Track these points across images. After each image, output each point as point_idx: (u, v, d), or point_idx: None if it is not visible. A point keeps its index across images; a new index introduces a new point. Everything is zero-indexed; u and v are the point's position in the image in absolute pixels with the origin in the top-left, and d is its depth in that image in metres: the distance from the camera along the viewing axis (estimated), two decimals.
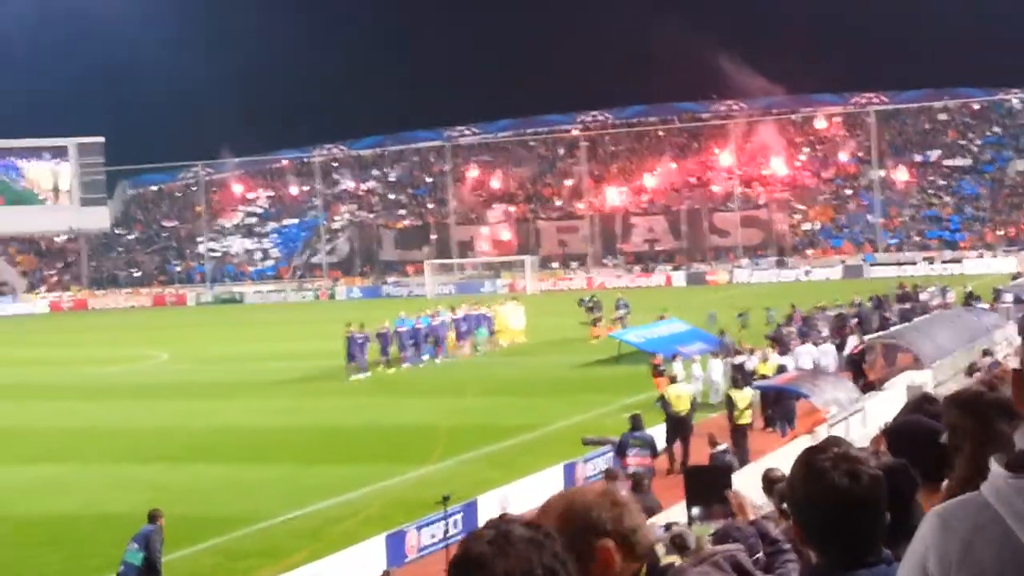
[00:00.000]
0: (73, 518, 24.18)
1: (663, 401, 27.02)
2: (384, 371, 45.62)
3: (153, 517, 17.61)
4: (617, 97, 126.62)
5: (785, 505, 8.63)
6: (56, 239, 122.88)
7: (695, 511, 10.32)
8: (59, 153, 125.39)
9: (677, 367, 32.19)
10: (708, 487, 10.12)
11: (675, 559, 3.04)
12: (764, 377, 30.96)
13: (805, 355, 34.15)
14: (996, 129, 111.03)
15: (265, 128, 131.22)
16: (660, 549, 2.88)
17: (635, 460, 23.10)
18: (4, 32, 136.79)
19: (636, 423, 24.02)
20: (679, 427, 26.26)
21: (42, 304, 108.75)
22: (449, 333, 49.85)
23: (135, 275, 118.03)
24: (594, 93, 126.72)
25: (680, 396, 26.96)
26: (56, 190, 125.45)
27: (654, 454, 23.61)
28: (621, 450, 23.54)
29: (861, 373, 33.19)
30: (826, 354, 35.07)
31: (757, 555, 6.71)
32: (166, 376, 48.55)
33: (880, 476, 3.45)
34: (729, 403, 27.20)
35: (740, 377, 29.89)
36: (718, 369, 34.08)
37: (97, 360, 55.68)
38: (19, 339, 72.35)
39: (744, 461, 22.95)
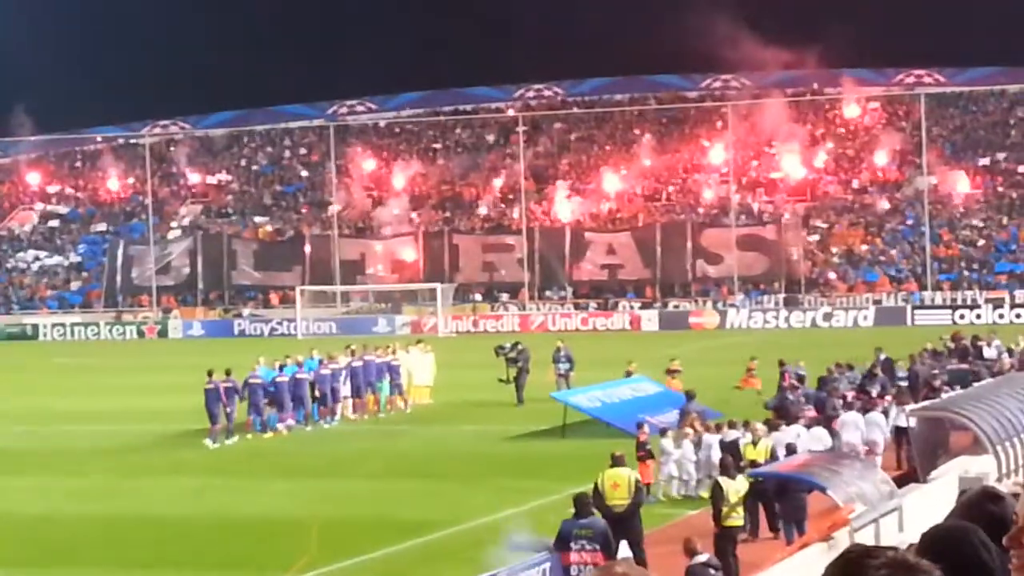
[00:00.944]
0: None
1: (595, 491, 26.66)
2: (259, 436, 46.22)
3: None
4: (572, 66, 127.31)
5: None
6: None
7: None
8: None
9: (667, 444, 32.07)
10: None
11: None
12: (755, 464, 30.98)
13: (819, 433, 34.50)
14: None
15: (75, 96, 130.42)
16: None
17: (580, 557, 23.40)
18: None
19: (581, 508, 24.31)
20: (618, 528, 25.90)
21: None
22: (340, 386, 50.06)
23: None
24: (540, 59, 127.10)
25: (617, 483, 26.90)
26: None
27: (606, 549, 23.67)
28: (562, 542, 23.75)
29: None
30: (854, 431, 35.48)
31: None
32: None
33: None
34: (716, 496, 27.32)
35: (733, 460, 29.90)
36: (714, 447, 34.20)
37: None
38: None
39: None
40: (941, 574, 3.54)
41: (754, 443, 32.36)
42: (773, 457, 31.55)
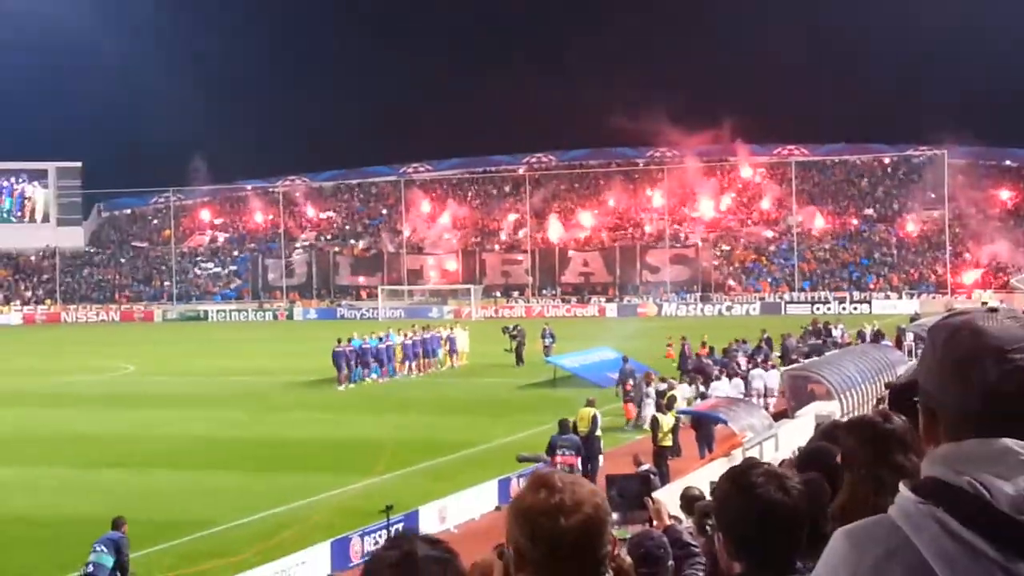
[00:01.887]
0: (39, 519, 23.92)
1: (572, 422, 26.65)
2: (359, 384, 46.35)
3: (118, 524, 17.36)
4: (561, 141, 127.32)
5: (709, 521, 8.66)
6: (32, 256, 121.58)
7: (614, 516, 10.26)
8: (39, 175, 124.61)
9: (684, 389, 31.67)
10: (628, 494, 9.98)
11: None
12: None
13: (727, 386, 34.44)
14: (901, 181, 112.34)
15: (232, 159, 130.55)
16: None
17: (562, 459, 23.99)
18: None
19: (564, 426, 25.15)
20: (584, 444, 26.00)
21: (16, 316, 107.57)
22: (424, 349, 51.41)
23: (105, 292, 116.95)
24: (540, 136, 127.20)
25: (583, 416, 27.05)
26: (34, 210, 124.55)
27: (578, 454, 24.51)
28: (551, 449, 24.43)
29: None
30: (737, 386, 35.47)
31: (668, 561, 6.74)
32: (131, 387, 48.14)
33: (805, 492, 3.51)
34: (654, 426, 27.33)
35: (665, 403, 29.87)
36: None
37: (67, 370, 55.16)
38: None
39: (665, 480, 23.04)
40: (797, 480, 3.47)
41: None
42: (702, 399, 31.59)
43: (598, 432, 27.19)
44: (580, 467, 24.30)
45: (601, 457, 26.42)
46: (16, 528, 23.12)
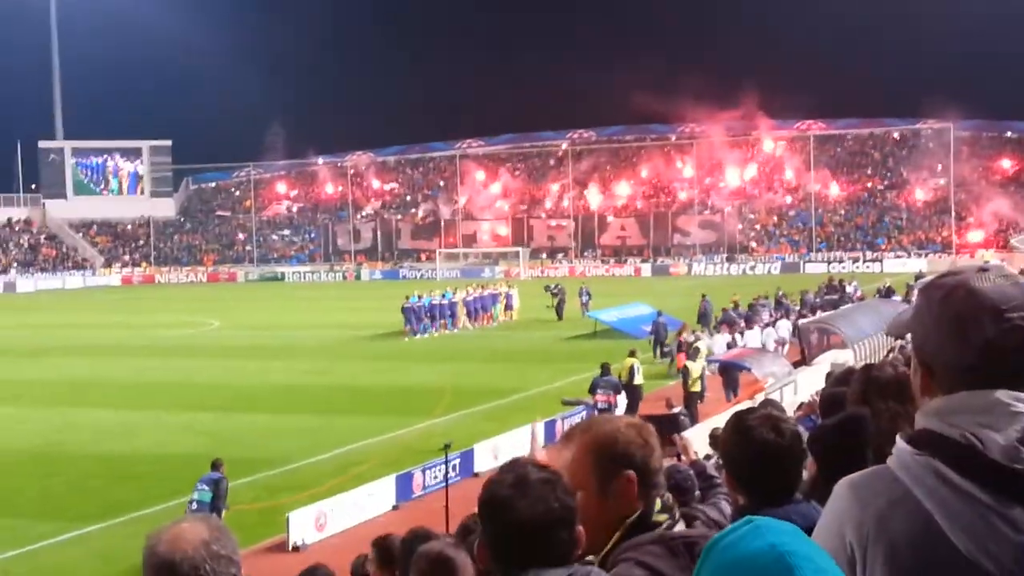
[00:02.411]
0: (140, 456, 24.29)
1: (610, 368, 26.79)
2: (414, 338, 46.37)
3: (216, 465, 17.48)
4: (600, 118, 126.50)
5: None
6: (129, 224, 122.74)
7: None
8: (134, 153, 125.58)
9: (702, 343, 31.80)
10: (658, 433, 10.04)
11: (663, 517, 2.79)
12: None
13: (752, 337, 34.37)
14: (910, 152, 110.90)
15: (306, 137, 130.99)
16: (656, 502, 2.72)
17: (601, 397, 24.64)
18: (91, 48, 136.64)
19: (605, 369, 25.62)
20: (625, 390, 26.26)
21: (116, 278, 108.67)
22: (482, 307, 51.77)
23: (194, 256, 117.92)
24: (581, 114, 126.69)
25: (626, 365, 27.10)
26: (131, 184, 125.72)
27: (616, 393, 25.01)
28: (592, 389, 25.09)
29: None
30: (768, 336, 35.35)
31: (695, 491, 6.79)
32: (217, 340, 48.57)
33: (799, 432, 3.51)
34: (684, 374, 27.31)
35: (688, 354, 29.69)
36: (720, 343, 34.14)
37: (161, 325, 55.75)
38: (97, 307, 72.35)
39: (694, 421, 23.06)
40: (792, 422, 3.49)
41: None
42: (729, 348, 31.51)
43: (638, 380, 27.16)
44: (617, 405, 24.76)
45: (642, 403, 26.48)
46: (120, 465, 23.50)
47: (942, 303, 2.04)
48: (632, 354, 27.91)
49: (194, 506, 16.88)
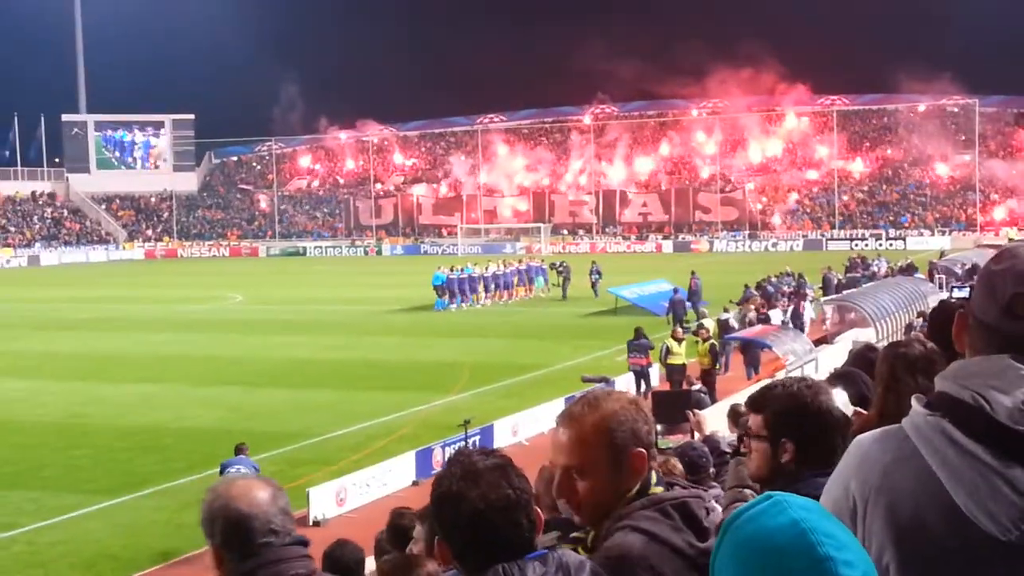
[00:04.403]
0: (163, 429, 24.46)
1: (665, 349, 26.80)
2: (436, 311, 46.90)
3: (241, 449, 16.97)
4: (622, 93, 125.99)
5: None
6: (152, 198, 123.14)
7: (659, 428, 10.33)
8: (157, 126, 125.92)
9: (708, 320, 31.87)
10: (672, 408, 10.03)
11: (659, 490, 2.91)
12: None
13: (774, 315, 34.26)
14: (935, 128, 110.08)
15: (328, 111, 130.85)
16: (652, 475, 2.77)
17: (634, 360, 26.00)
18: (114, 22, 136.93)
19: (637, 334, 26.66)
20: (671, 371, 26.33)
21: (139, 252, 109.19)
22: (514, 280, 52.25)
23: (216, 230, 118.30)
24: (603, 90, 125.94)
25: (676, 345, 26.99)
26: (153, 157, 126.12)
27: (646, 357, 26.29)
28: (628, 349, 26.63)
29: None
30: (791, 313, 35.23)
31: (711, 468, 6.81)
32: (240, 314, 48.77)
33: (845, 416, 3.53)
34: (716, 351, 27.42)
35: (693, 331, 29.22)
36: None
37: (184, 299, 56.00)
38: (119, 281, 72.70)
39: (712, 399, 23.03)
40: (819, 394, 3.49)
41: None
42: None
43: (672, 360, 26.75)
44: (651, 365, 26.10)
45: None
46: (142, 437, 23.69)
47: (991, 260, 2.12)
48: (673, 335, 27.58)
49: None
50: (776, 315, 34.07)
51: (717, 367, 27.55)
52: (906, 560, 1.98)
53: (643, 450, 2.86)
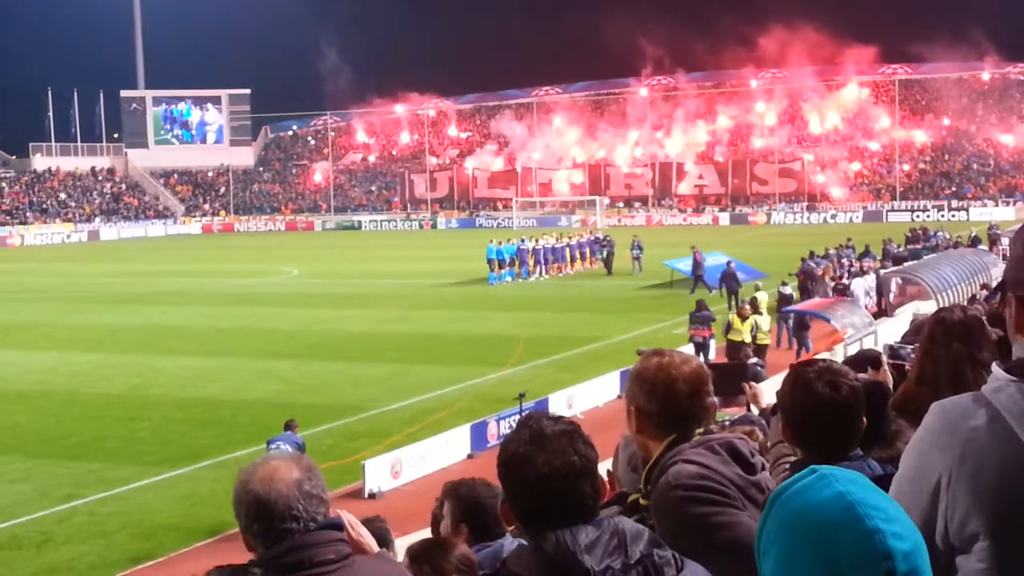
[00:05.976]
0: (221, 402, 24.74)
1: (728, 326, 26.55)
2: (490, 285, 46.97)
3: (291, 425, 16.97)
4: (680, 64, 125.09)
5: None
6: (209, 173, 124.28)
7: (716, 400, 10.22)
8: (214, 102, 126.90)
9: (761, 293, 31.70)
10: (729, 381, 9.95)
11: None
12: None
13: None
14: (1000, 97, 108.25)
15: (382, 86, 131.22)
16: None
17: (696, 330, 26.36)
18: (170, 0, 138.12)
19: (699, 306, 27.01)
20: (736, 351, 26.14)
21: (196, 227, 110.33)
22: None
23: (272, 204, 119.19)
24: (661, 60, 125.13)
25: (742, 322, 26.52)
26: (211, 132, 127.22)
27: (708, 328, 26.51)
28: (689, 322, 26.99)
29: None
30: (856, 285, 34.80)
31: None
32: (296, 288, 49.16)
33: (858, 387, 3.47)
34: (753, 327, 26.99)
35: (748, 305, 28.93)
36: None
37: (240, 273, 56.52)
38: (177, 255, 73.51)
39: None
40: (851, 377, 3.45)
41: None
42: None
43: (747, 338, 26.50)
44: (712, 337, 26.40)
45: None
46: (202, 411, 23.96)
47: None
48: (739, 311, 27.24)
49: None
50: (859, 284, 33.68)
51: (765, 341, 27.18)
52: (994, 524, 1.96)
53: (715, 400, 3.24)
